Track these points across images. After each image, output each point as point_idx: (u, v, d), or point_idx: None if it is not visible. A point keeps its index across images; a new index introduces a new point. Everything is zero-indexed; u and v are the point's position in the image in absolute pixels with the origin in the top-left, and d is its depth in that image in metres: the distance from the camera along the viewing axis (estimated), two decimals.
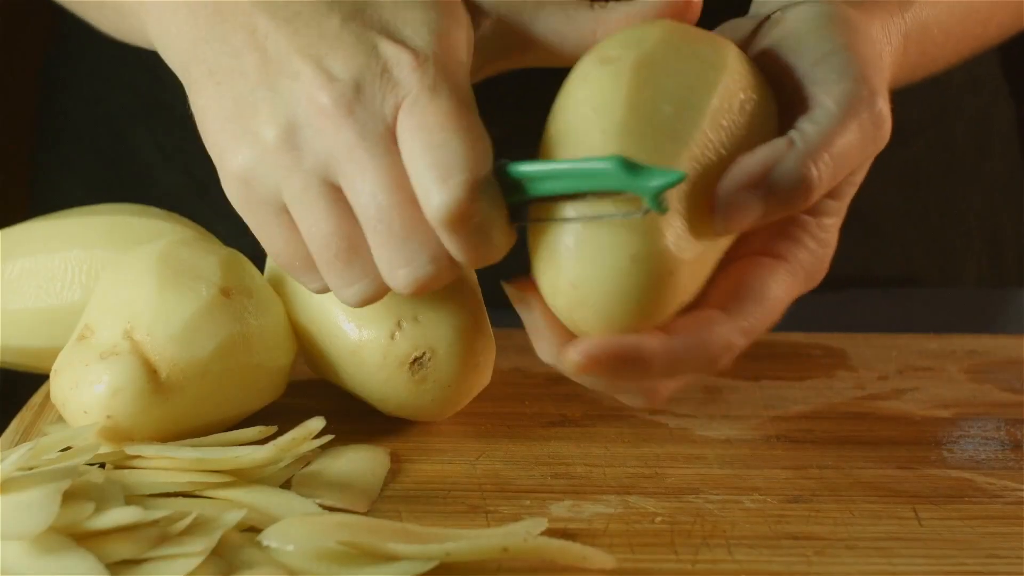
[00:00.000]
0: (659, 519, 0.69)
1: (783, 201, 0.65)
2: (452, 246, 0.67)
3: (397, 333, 0.75)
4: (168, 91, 1.02)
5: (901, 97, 0.72)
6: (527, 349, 0.85)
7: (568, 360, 0.65)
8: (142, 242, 0.78)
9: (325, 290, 0.71)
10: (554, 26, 0.72)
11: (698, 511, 0.69)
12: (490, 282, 0.80)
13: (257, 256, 0.80)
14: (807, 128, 0.66)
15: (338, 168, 0.67)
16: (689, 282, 0.66)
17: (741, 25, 0.73)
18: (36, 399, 0.80)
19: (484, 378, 0.77)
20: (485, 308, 0.77)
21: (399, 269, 0.67)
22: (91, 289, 0.79)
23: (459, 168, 0.65)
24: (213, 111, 0.69)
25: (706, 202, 0.65)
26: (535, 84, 0.77)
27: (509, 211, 0.67)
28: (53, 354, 0.75)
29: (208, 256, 0.76)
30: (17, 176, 1.27)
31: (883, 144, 0.68)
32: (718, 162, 0.66)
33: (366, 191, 0.66)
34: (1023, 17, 0.87)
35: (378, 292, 0.69)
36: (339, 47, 0.67)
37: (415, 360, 0.75)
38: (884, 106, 0.67)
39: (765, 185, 0.65)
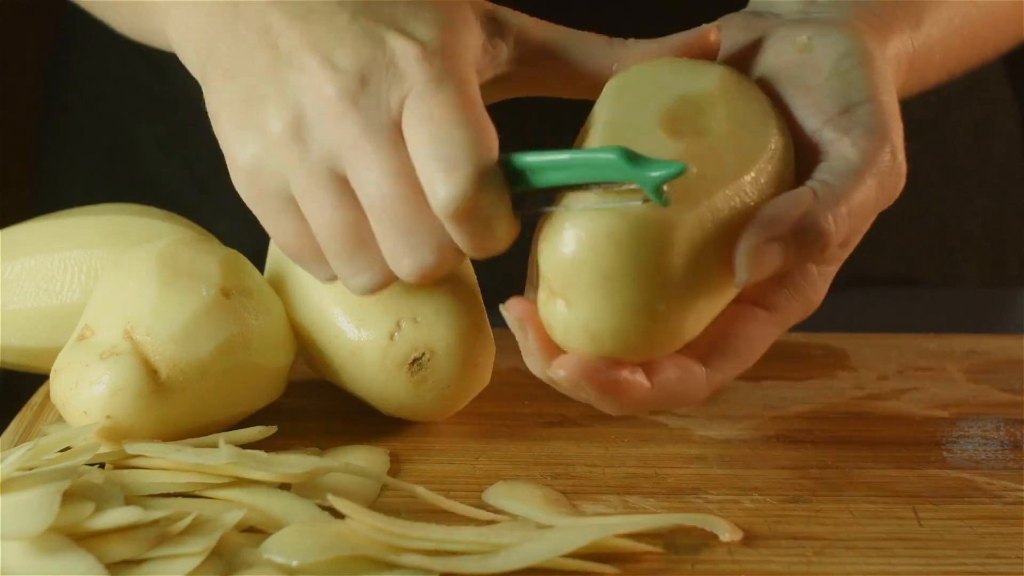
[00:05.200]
0: None
1: (802, 254, 0.66)
2: (457, 236, 0.67)
3: (396, 334, 0.75)
4: (170, 89, 1.02)
5: (901, 97, 0.72)
6: None
7: (554, 375, 0.67)
8: (142, 242, 0.78)
9: (334, 279, 0.71)
10: (574, 54, 0.72)
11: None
12: (490, 282, 0.80)
13: (257, 256, 0.80)
14: (830, 180, 0.67)
15: (344, 159, 0.67)
16: (693, 327, 0.67)
17: (755, 25, 0.73)
18: (36, 399, 0.80)
19: (484, 378, 0.77)
20: (485, 308, 0.77)
21: (404, 258, 0.68)
22: (91, 289, 0.79)
23: (464, 160, 0.65)
24: (225, 107, 0.69)
25: (724, 250, 0.66)
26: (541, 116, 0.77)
27: (513, 201, 0.67)
28: (53, 354, 0.75)
29: (208, 256, 0.76)
30: (19, 175, 1.27)
31: (896, 195, 0.69)
32: (736, 208, 0.66)
33: (371, 181, 0.67)
34: (1017, 40, 0.87)
35: (385, 280, 0.70)
36: (347, 40, 0.67)
37: (414, 360, 0.75)
38: (903, 161, 0.69)
39: (787, 237, 0.66)
